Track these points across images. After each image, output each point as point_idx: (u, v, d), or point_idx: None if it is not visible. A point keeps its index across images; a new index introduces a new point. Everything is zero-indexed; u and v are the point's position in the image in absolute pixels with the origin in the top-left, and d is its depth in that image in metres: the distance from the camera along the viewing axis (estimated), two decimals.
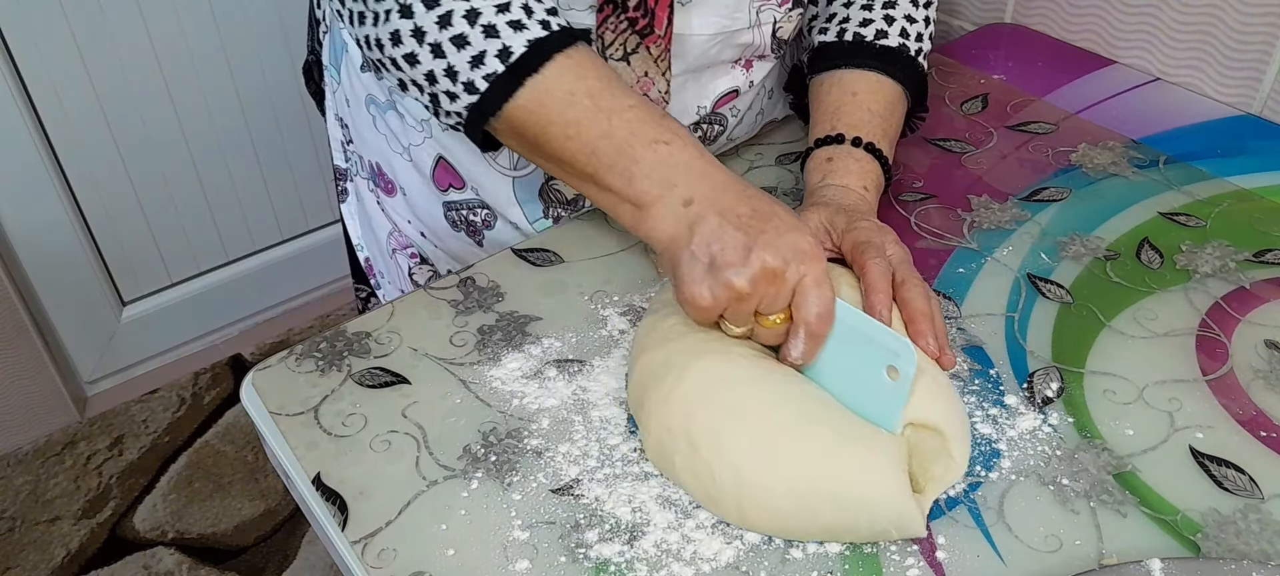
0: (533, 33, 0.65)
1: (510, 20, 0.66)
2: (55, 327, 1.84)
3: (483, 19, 0.66)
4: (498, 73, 0.65)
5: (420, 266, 0.95)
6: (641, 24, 0.75)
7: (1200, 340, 0.70)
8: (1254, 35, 0.95)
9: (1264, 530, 0.58)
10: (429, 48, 0.67)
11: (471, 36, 0.66)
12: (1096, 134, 0.94)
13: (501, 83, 0.65)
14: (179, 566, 1.63)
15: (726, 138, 0.90)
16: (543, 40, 0.65)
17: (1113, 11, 1.05)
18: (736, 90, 0.86)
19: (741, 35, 0.81)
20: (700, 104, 0.84)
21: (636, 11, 0.75)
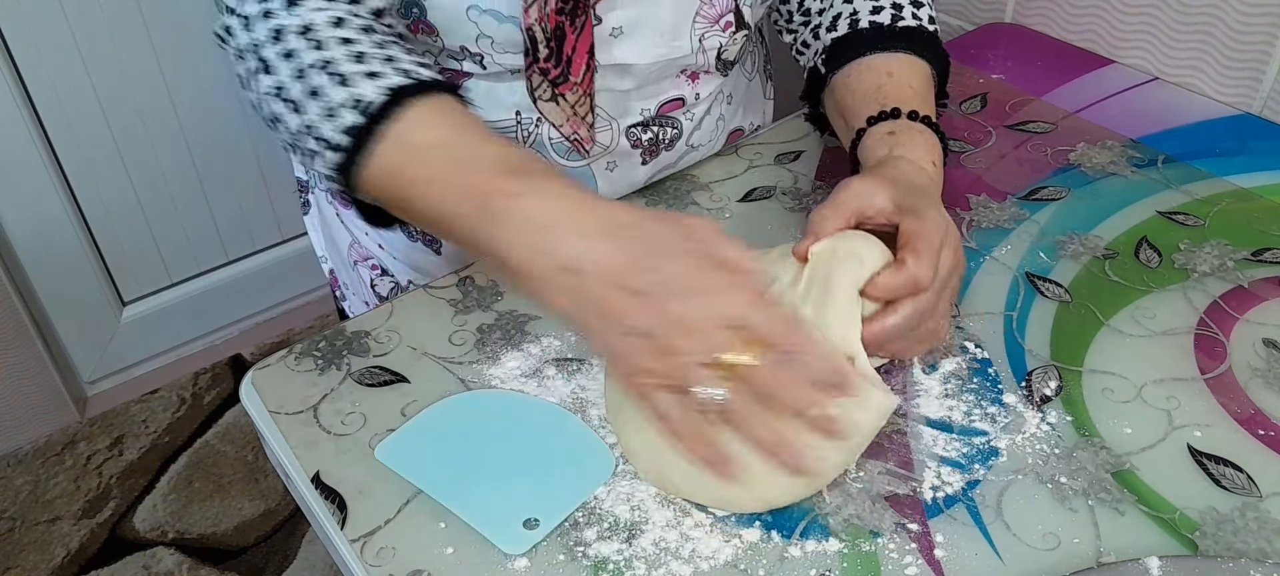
0: (390, 80, 0.61)
1: (366, 70, 0.61)
2: (55, 327, 1.84)
3: (336, 68, 0.61)
4: (356, 125, 0.60)
5: (382, 277, 0.95)
6: (554, 74, 0.75)
7: (1198, 339, 0.71)
8: (1254, 35, 0.95)
9: (1262, 528, 0.58)
10: (289, 105, 0.62)
11: (326, 88, 0.61)
12: (1095, 133, 0.94)
13: (359, 136, 0.60)
14: (179, 566, 1.63)
15: (685, 142, 0.88)
16: (401, 89, 0.60)
17: (1112, 11, 1.05)
18: (681, 99, 0.85)
19: (683, 61, 0.80)
20: (643, 106, 0.83)
21: (548, 63, 0.74)
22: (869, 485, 0.61)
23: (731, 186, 0.89)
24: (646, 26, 0.76)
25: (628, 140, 0.84)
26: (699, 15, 0.78)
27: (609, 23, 0.75)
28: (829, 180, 0.89)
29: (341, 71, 0.61)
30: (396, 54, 0.63)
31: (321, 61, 0.61)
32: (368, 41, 0.63)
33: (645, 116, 0.84)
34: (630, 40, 0.77)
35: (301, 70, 0.62)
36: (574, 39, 0.73)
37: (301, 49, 0.62)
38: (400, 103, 0.60)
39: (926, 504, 0.60)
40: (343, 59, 0.61)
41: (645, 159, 0.87)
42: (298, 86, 0.62)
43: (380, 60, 0.62)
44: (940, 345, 0.69)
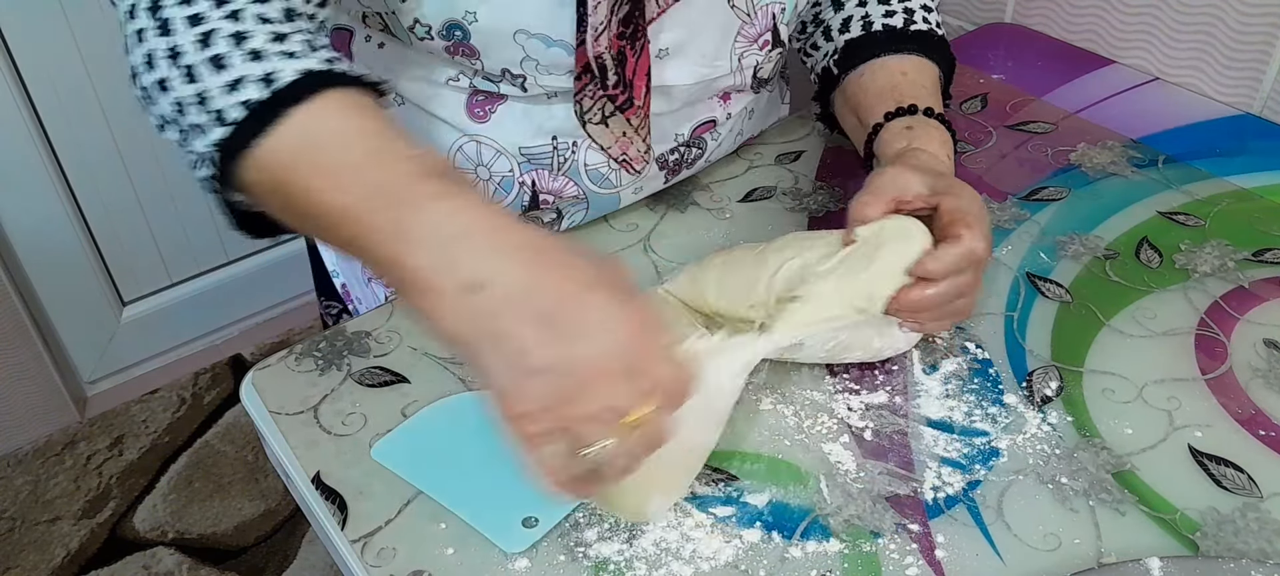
0: (307, 63, 0.54)
1: (284, 50, 0.55)
2: (55, 328, 1.84)
3: (251, 43, 0.55)
4: (258, 100, 0.53)
5: None
6: (621, 99, 0.75)
7: (1199, 339, 0.71)
8: (1254, 35, 0.95)
9: (1262, 528, 0.58)
10: (182, 71, 0.55)
11: (232, 59, 0.54)
12: (1096, 133, 0.94)
13: (259, 112, 0.52)
14: (179, 566, 1.63)
15: (705, 160, 0.89)
16: (318, 73, 0.53)
17: (1112, 11, 1.05)
18: (713, 121, 0.85)
19: (723, 81, 0.81)
20: (677, 132, 0.83)
21: (616, 89, 0.74)
22: (869, 485, 0.61)
23: (732, 186, 0.89)
24: (691, 48, 0.76)
25: (656, 164, 0.84)
26: (740, 35, 0.78)
27: (656, 44, 0.75)
28: (829, 180, 0.89)
29: (256, 47, 0.54)
30: (319, 43, 0.57)
31: (233, 33, 0.55)
32: (290, 26, 0.57)
33: (679, 141, 0.84)
34: (675, 61, 0.77)
35: (207, 36, 0.55)
36: (634, 62, 0.73)
37: (213, 15, 0.55)
38: (314, 89, 0.53)
39: (927, 504, 0.60)
40: (260, 34, 0.55)
41: (668, 178, 0.87)
42: (199, 53, 0.55)
43: (300, 42, 0.56)
44: (966, 317, 0.70)
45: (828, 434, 0.65)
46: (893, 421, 0.66)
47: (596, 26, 0.69)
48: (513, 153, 0.79)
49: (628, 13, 0.70)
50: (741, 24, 0.77)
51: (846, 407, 0.67)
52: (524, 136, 0.78)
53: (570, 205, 0.83)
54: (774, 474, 0.63)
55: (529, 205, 0.83)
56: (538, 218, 0.84)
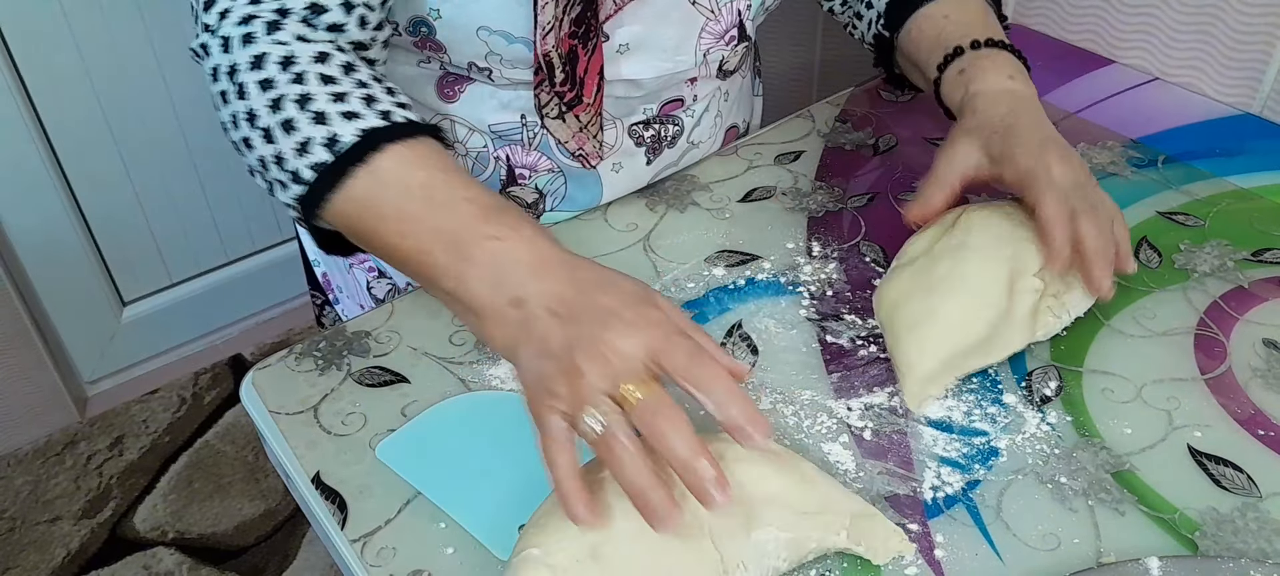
0: (367, 122, 0.61)
1: (344, 110, 0.61)
2: (55, 328, 1.84)
3: (314, 105, 0.61)
4: (325, 162, 0.60)
5: (378, 280, 0.94)
6: (569, 96, 0.75)
7: (1199, 339, 0.71)
8: (1254, 35, 0.95)
9: (1262, 528, 0.58)
10: (260, 132, 0.62)
11: (300, 122, 0.61)
12: (1095, 133, 0.94)
13: (328, 173, 0.60)
14: (179, 566, 1.63)
15: (686, 139, 0.89)
16: (377, 131, 0.60)
17: (1112, 11, 1.05)
18: (681, 99, 0.86)
19: (687, 73, 0.82)
20: (646, 108, 0.84)
21: (564, 86, 0.75)
22: (869, 485, 0.61)
23: (732, 186, 0.89)
24: (653, 43, 0.77)
25: (631, 139, 0.85)
26: (704, 31, 0.79)
27: (616, 40, 0.76)
28: (829, 180, 0.89)
29: (319, 109, 0.61)
30: (377, 94, 0.63)
31: (299, 96, 0.61)
32: (349, 81, 0.63)
33: (647, 115, 0.85)
34: (636, 57, 0.77)
35: (277, 101, 0.62)
36: (586, 60, 0.74)
37: (280, 80, 0.62)
38: (375, 146, 0.60)
39: (926, 504, 0.60)
40: (321, 96, 0.61)
41: (649, 157, 0.87)
42: (271, 116, 0.62)
43: (360, 100, 0.62)
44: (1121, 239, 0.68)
45: (827, 433, 0.65)
46: (892, 421, 0.66)
47: (544, 25, 0.70)
48: (483, 130, 0.81)
49: (580, 12, 0.71)
50: (705, 21, 0.78)
51: (846, 407, 0.67)
52: (492, 114, 0.80)
53: (548, 180, 0.85)
54: None
55: (506, 180, 0.84)
56: (519, 196, 0.85)
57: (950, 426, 0.65)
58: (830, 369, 0.70)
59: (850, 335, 0.72)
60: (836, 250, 0.81)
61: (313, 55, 0.63)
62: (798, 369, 0.70)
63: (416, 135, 0.61)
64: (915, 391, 0.64)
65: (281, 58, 0.63)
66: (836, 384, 0.69)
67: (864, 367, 0.70)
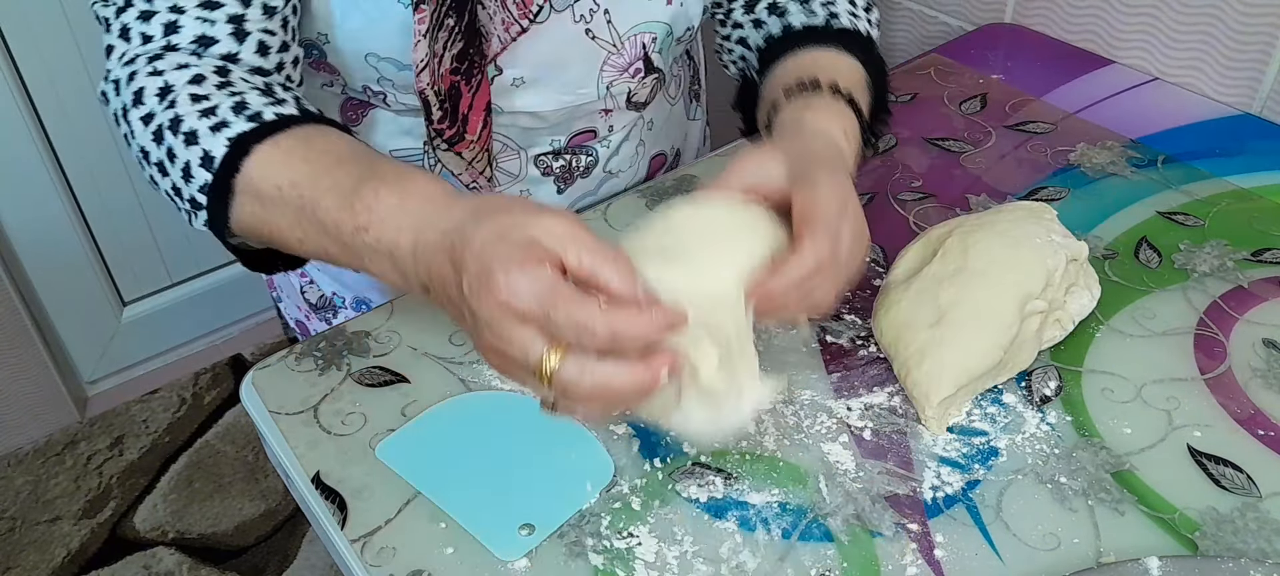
0: (235, 129, 0.59)
1: (213, 123, 0.60)
2: (55, 327, 1.84)
3: (185, 126, 0.60)
4: (207, 182, 0.59)
5: (310, 286, 0.95)
6: (449, 133, 0.73)
7: (1198, 339, 0.71)
8: (1254, 35, 0.95)
9: (1262, 528, 0.58)
10: (155, 167, 0.62)
11: (178, 149, 0.60)
12: (1095, 133, 0.94)
13: (214, 192, 0.59)
14: (179, 566, 1.63)
15: (602, 169, 0.87)
16: (244, 135, 0.59)
17: (1112, 11, 1.05)
18: (593, 131, 0.84)
19: (591, 106, 0.80)
20: (553, 138, 0.83)
21: (442, 124, 0.72)
22: (869, 485, 0.61)
23: None
24: (551, 79, 0.76)
25: (537, 168, 0.84)
26: (607, 65, 0.77)
27: (510, 73, 0.75)
28: None
29: (190, 128, 0.60)
30: (250, 98, 0.61)
31: (172, 121, 0.61)
32: (221, 94, 0.61)
33: (556, 147, 0.83)
34: (533, 90, 0.76)
35: (159, 132, 0.61)
36: (470, 97, 0.72)
37: (158, 111, 0.61)
38: (245, 151, 0.59)
39: (926, 504, 0.60)
40: (191, 116, 0.60)
41: (560, 187, 0.86)
42: (158, 150, 0.61)
43: (229, 109, 0.61)
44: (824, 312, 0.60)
45: (827, 433, 0.65)
46: (892, 421, 0.66)
47: (418, 63, 0.68)
48: (387, 155, 0.79)
49: (462, 49, 0.70)
50: (607, 54, 0.77)
51: (846, 407, 0.67)
52: (393, 139, 0.80)
53: None
54: (773, 473, 0.63)
55: None
56: None
57: (950, 426, 0.65)
58: (830, 369, 0.70)
59: (850, 335, 0.72)
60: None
61: (188, 78, 0.62)
62: (798, 369, 0.70)
63: (287, 127, 0.60)
64: (937, 417, 0.64)
65: (159, 89, 0.62)
66: (836, 384, 0.69)
67: (864, 367, 0.70)
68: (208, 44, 0.64)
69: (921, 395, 0.65)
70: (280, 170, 0.58)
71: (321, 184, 0.57)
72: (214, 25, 0.64)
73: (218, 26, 0.64)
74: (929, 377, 0.64)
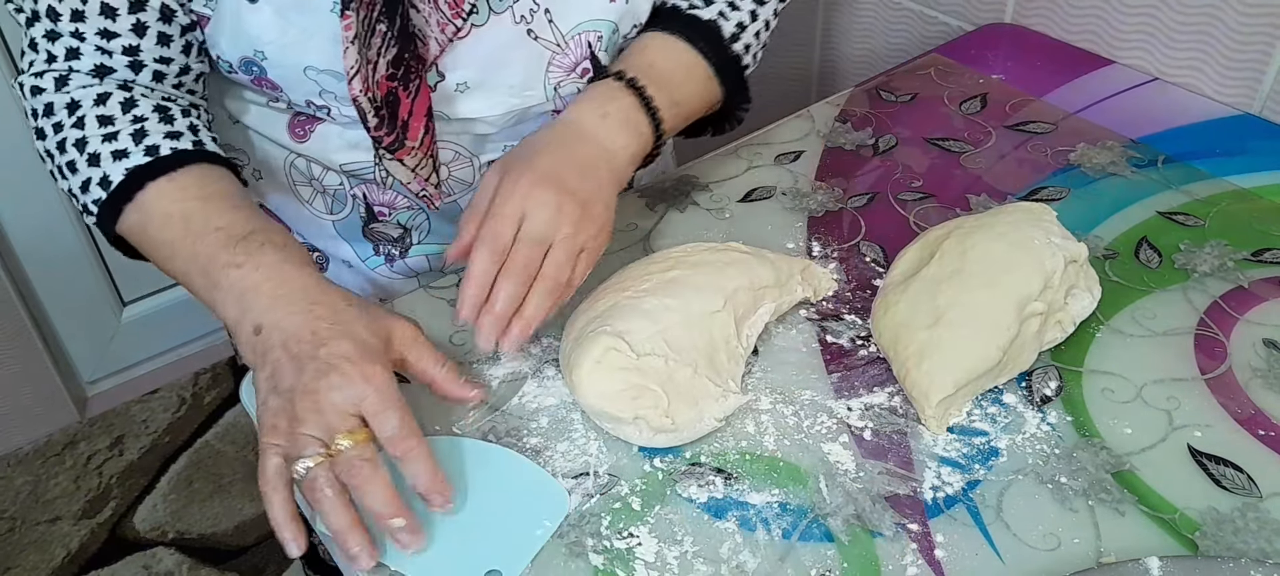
0: (133, 161, 0.67)
1: (114, 149, 0.67)
2: (55, 328, 1.84)
3: (89, 147, 0.68)
4: (101, 199, 0.68)
5: None
6: (388, 140, 0.72)
7: (1199, 339, 0.71)
8: (1254, 35, 0.95)
9: (1262, 528, 0.58)
10: (57, 170, 0.70)
11: (79, 164, 0.68)
12: (1095, 133, 0.94)
13: (106, 208, 0.68)
14: (179, 566, 1.63)
15: None
16: (142, 168, 0.67)
17: (1112, 11, 1.05)
18: None
19: (540, 108, 0.79)
20: (506, 144, 0.82)
21: (381, 132, 0.72)
22: (869, 485, 0.61)
23: (731, 187, 0.89)
24: (495, 82, 0.75)
25: None
26: (552, 65, 0.76)
27: (453, 78, 0.74)
28: (828, 180, 0.89)
29: (93, 150, 0.68)
30: (150, 127, 0.68)
31: (77, 140, 0.68)
32: (125, 119, 0.68)
33: (508, 150, 0.81)
34: (478, 95, 0.75)
35: (62, 143, 0.69)
36: (410, 103, 0.72)
37: (66, 124, 0.69)
38: (140, 184, 0.67)
39: (926, 504, 0.60)
40: (95, 138, 0.68)
41: None
42: (60, 158, 0.69)
43: (129, 137, 0.68)
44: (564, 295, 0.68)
45: (827, 433, 0.65)
46: (892, 421, 0.66)
47: (349, 69, 0.68)
48: (336, 168, 0.80)
49: (397, 54, 0.69)
50: (552, 54, 0.76)
51: (846, 407, 0.67)
52: (341, 153, 0.79)
53: (410, 216, 0.84)
54: (774, 473, 0.63)
55: (366, 217, 0.84)
56: (383, 232, 0.84)
57: (950, 426, 0.65)
58: (830, 369, 0.70)
59: (850, 335, 0.72)
60: (836, 250, 0.81)
61: (95, 96, 0.69)
62: (798, 369, 0.70)
63: (185, 165, 0.68)
64: (936, 416, 0.64)
65: (67, 104, 0.69)
66: (836, 384, 0.69)
67: (864, 367, 0.70)
68: (105, 72, 0.70)
69: (920, 395, 0.65)
70: (172, 203, 0.66)
71: (211, 222, 0.65)
72: (111, 56, 0.69)
73: (115, 57, 0.69)
74: (928, 378, 0.64)
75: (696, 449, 0.64)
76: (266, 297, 0.62)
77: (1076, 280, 0.71)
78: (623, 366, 0.64)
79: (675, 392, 0.64)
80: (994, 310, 0.66)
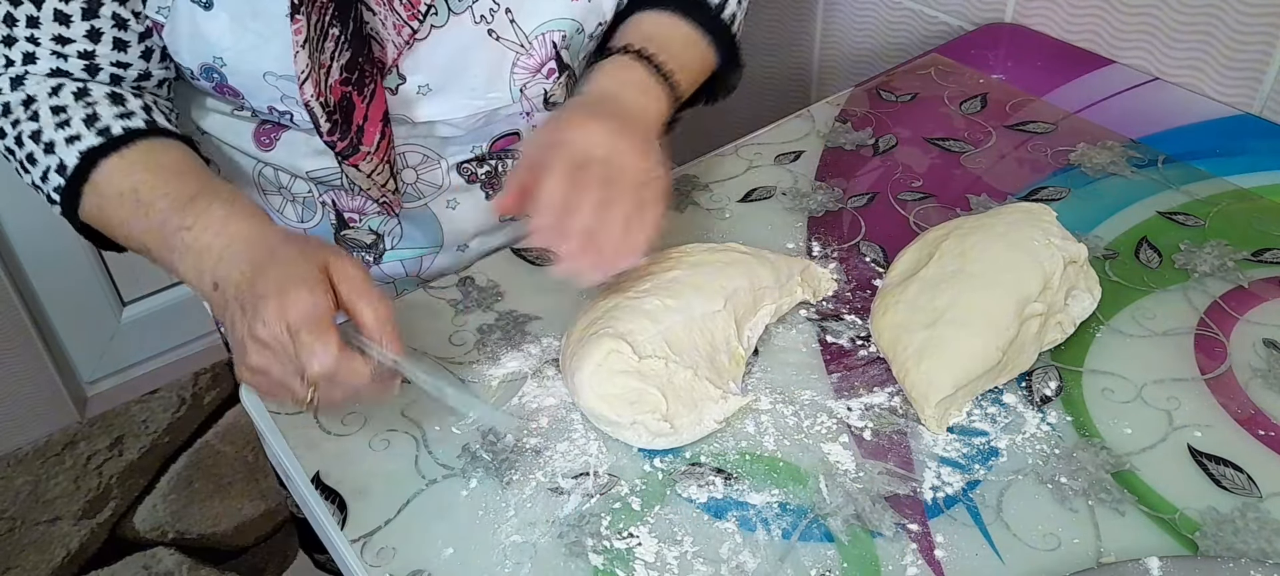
0: (86, 143, 0.68)
1: (68, 135, 0.68)
2: (55, 328, 1.84)
3: (44, 137, 0.69)
4: (61, 185, 0.69)
5: None
6: (341, 146, 0.72)
7: (1199, 339, 0.71)
8: (1254, 35, 0.95)
9: (1262, 528, 0.58)
10: (18, 165, 0.71)
11: (36, 154, 0.69)
12: (1095, 133, 0.94)
13: (66, 194, 0.69)
14: (179, 566, 1.63)
15: None
16: (94, 149, 0.68)
17: (1112, 11, 1.05)
18: (517, 133, 0.82)
19: (506, 110, 0.79)
20: (475, 145, 0.81)
21: (334, 137, 0.71)
22: (869, 485, 0.61)
23: (731, 186, 0.89)
24: (456, 83, 0.75)
25: (461, 176, 0.82)
26: (516, 66, 0.76)
27: (414, 81, 0.73)
28: (828, 180, 0.89)
29: (48, 139, 0.69)
30: (102, 111, 0.69)
31: (33, 132, 0.69)
32: (77, 105, 0.69)
33: (478, 153, 0.82)
34: (440, 98, 0.75)
35: (20, 138, 0.70)
36: (365, 107, 0.71)
37: (22, 119, 0.70)
38: (94, 163, 0.68)
39: (926, 504, 0.60)
40: (50, 127, 0.69)
41: (488, 192, 0.84)
42: (20, 153, 0.70)
43: (81, 121, 0.69)
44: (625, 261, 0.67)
45: (827, 434, 0.65)
46: (892, 421, 0.66)
47: (299, 74, 0.68)
48: (303, 176, 0.80)
49: (350, 59, 0.69)
50: (516, 55, 0.75)
51: (846, 407, 0.67)
52: (308, 161, 0.79)
53: (381, 222, 0.83)
54: (774, 474, 0.63)
55: (337, 224, 0.83)
56: (354, 238, 0.84)
57: (950, 426, 0.65)
58: (830, 369, 0.70)
59: (850, 335, 0.72)
60: (836, 250, 0.81)
61: (50, 89, 0.70)
62: (798, 369, 0.70)
63: (134, 141, 0.68)
64: (936, 416, 0.64)
65: (22, 100, 0.70)
66: (836, 384, 0.69)
67: (864, 367, 0.70)
68: (62, 75, 0.70)
69: (920, 395, 0.65)
70: (123, 178, 0.68)
71: (158, 190, 0.66)
72: (66, 60, 0.70)
73: (71, 61, 0.70)
74: (927, 378, 0.64)
75: (697, 449, 0.64)
76: (215, 255, 0.63)
77: (1076, 281, 0.71)
78: (624, 370, 0.64)
79: (675, 396, 0.64)
80: (993, 310, 0.66)
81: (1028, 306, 0.66)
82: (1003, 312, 0.66)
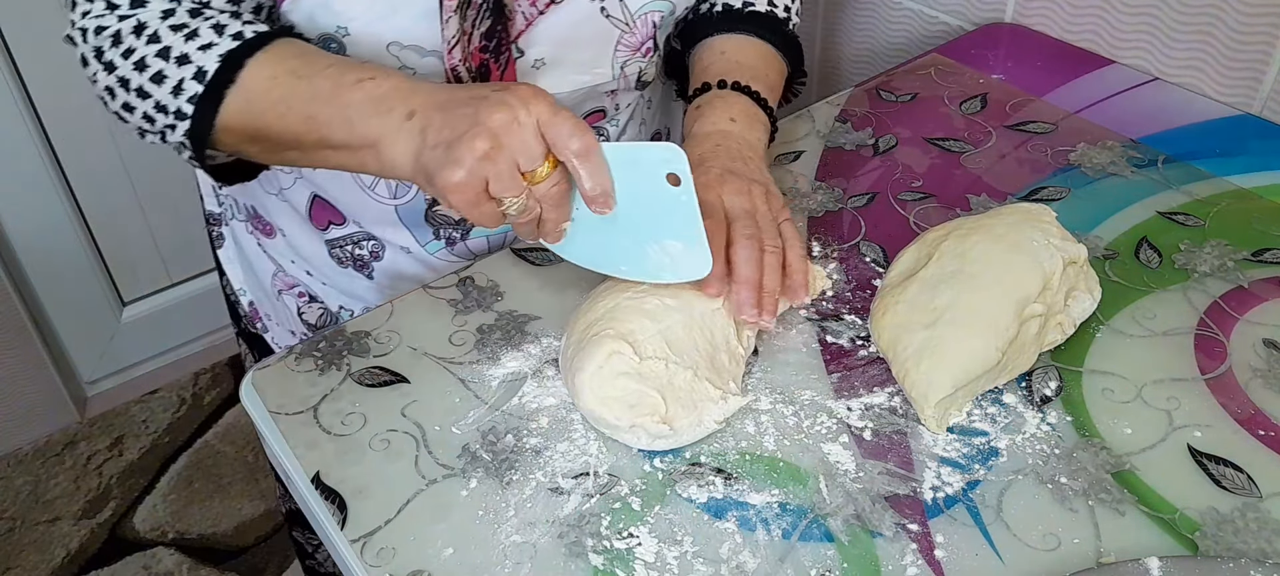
0: (223, 47, 0.67)
1: (201, 44, 0.67)
2: (55, 328, 1.84)
3: (174, 52, 0.68)
4: (199, 93, 0.67)
5: (309, 305, 0.94)
6: None
7: (1199, 339, 0.71)
8: (1254, 35, 0.95)
9: (1262, 528, 0.58)
10: (135, 92, 0.69)
11: (167, 70, 0.68)
12: (1095, 133, 0.94)
13: (204, 101, 0.67)
14: (179, 566, 1.63)
15: None
16: (234, 51, 0.67)
17: (1112, 11, 1.05)
18: (602, 110, 0.86)
19: (605, 87, 0.82)
20: None
21: None
22: (869, 485, 0.61)
23: None
24: (568, 59, 0.77)
25: None
26: (620, 44, 0.79)
27: (531, 55, 0.76)
28: (829, 180, 0.89)
29: (181, 52, 0.67)
30: (226, 21, 0.68)
31: (159, 51, 0.68)
32: (199, 21, 0.68)
33: None
34: (552, 72, 0.77)
35: (140, 62, 0.68)
36: (499, 75, 0.74)
37: (137, 46, 0.68)
38: (238, 64, 0.66)
39: (926, 504, 0.60)
40: (177, 42, 0.68)
41: None
42: (137, 79, 0.68)
43: (211, 31, 0.68)
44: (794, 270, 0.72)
45: (827, 434, 0.65)
46: (892, 421, 0.66)
47: (449, 39, 0.70)
48: None
49: (490, 27, 0.71)
50: (620, 34, 0.78)
51: (846, 407, 0.67)
52: None
53: None
54: (774, 474, 0.63)
55: (430, 201, 0.85)
56: (446, 215, 0.85)
57: (950, 426, 0.65)
58: (830, 369, 0.70)
59: (850, 335, 0.72)
60: (836, 250, 0.81)
61: (159, 13, 0.69)
62: (798, 369, 0.70)
63: (271, 41, 0.67)
64: (936, 416, 0.64)
65: (133, 27, 0.68)
66: (836, 384, 0.69)
67: (864, 367, 0.70)
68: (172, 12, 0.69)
69: (919, 396, 0.65)
70: (275, 64, 0.66)
71: (318, 65, 0.66)
72: None
73: None
74: (927, 378, 0.64)
75: (696, 449, 0.64)
76: (403, 92, 0.63)
77: (1077, 281, 0.71)
78: (625, 371, 0.64)
79: (674, 397, 0.64)
80: (993, 310, 0.66)
81: (1027, 307, 0.66)
82: (1002, 313, 0.66)
